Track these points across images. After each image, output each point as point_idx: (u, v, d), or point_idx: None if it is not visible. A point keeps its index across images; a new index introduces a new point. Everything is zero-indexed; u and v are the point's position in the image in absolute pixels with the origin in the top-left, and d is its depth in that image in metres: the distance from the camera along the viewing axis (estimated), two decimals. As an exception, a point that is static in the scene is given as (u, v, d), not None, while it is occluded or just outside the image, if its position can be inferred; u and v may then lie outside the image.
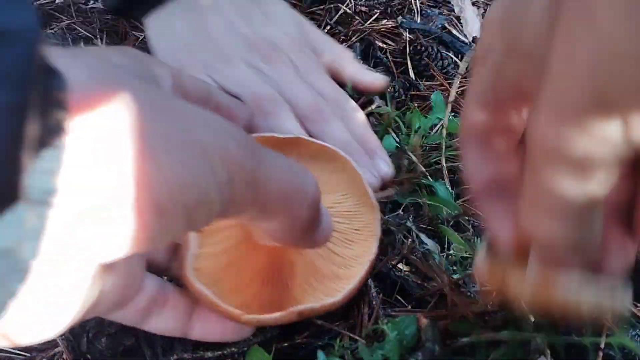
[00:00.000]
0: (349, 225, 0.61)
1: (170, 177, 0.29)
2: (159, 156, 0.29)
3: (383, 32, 1.31)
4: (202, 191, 0.31)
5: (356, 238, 0.60)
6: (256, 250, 0.56)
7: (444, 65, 1.14)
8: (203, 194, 0.31)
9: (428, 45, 1.17)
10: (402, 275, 0.66)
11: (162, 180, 0.29)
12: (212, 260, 0.57)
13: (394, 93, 1.04)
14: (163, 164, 0.29)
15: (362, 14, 1.34)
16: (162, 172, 0.29)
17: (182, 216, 0.30)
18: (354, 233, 0.61)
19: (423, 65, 1.14)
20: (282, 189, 0.39)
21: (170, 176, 0.29)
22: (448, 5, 1.36)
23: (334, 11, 1.38)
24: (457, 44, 1.22)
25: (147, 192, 0.28)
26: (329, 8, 1.42)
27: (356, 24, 1.33)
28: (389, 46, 1.28)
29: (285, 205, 0.40)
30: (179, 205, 0.30)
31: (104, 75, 0.29)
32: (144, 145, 0.28)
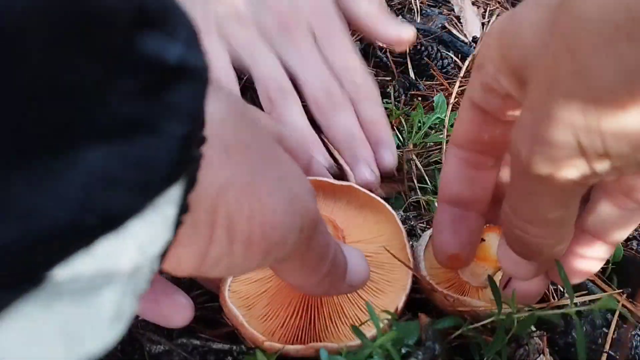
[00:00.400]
0: (382, 277, 0.63)
1: (266, 216, 0.31)
2: (263, 197, 0.31)
3: (383, 31, 1.31)
4: (285, 234, 0.33)
5: (387, 289, 0.62)
6: (289, 285, 0.59)
7: (443, 65, 1.15)
8: (285, 236, 0.34)
9: (428, 45, 1.17)
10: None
11: (259, 218, 0.31)
12: (248, 286, 0.61)
13: (394, 93, 1.04)
14: (265, 203, 0.31)
15: (362, 13, 1.34)
16: (262, 210, 0.31)
17: (263, 252, 0.33)
18: (386, 284, 0.62)
19: (423, 65, 1.14)
20: (322, 249, 0.41)
21: (267, 214, 0.31)
22: (448, 5, 1.36)
23: (334, 10, 1.38)
24: (457, 44, 1.22)
25: (246, 225, 0.31)
26: (329, 7, 1.41)
27: (356, 23, 1.33)
28: (389, 46, 1.28)
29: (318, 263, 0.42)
30: (265, 241, 0.32)
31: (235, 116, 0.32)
32: (253, 184, 0.31)
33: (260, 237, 0.31)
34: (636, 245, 0.76)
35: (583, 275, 0.49)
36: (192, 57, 0.24)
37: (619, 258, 0.71)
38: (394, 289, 0.61)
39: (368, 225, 0.66)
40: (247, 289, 0.61)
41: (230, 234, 0.30)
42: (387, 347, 0.50)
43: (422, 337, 0.56)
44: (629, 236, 0.77)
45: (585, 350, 0.52)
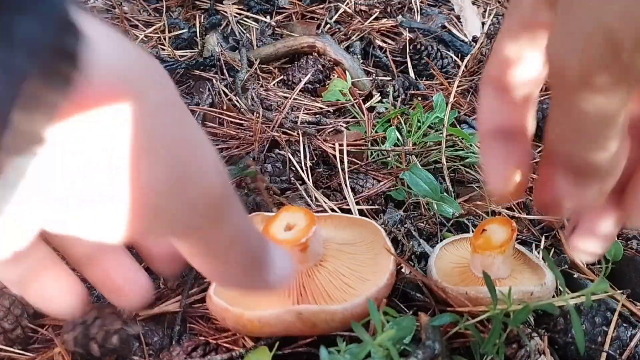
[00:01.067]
0: (366, 269, 0.64)
1: (153, 179, 0.31)
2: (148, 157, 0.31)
3: (383, 31, 1.31)
4: (162, 204, 0.33)
5: (373, 277, 0.63)
6: None
7: (443, 65, 1.14)
8: (161, 207, 0.34)
9: (428, 45, 1.16)
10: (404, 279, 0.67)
11: (145, 180, 0.31)
12: None
13: (393, 92, 1.04)
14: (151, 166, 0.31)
15: (362, 13, 1.34)
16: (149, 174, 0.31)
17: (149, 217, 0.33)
18: (371, 274, 0.63)
19: (423, 65, 1.14)
20: (231, 237, 0.41)
21: (153, 178, 0.31)
22: (448, 4, 1.36)
23: (334, 10, 1.38)
24: (457, 43, 1.22)
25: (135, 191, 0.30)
26: (329, 7, 1.42)
27: (356, 23, 1.33)
28: (388, 45, 1.28)
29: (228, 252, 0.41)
30: (153, 207, 0.32)
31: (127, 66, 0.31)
32: (140, 145, 0.30)
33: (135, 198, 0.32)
34: (636, 245, 0.76)
35: None
36: None
37: (618, 258, 0.71)
38: (377, 275, 0.63)
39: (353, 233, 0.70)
40: None
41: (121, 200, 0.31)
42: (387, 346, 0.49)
43: (422, 337, 0.56)
44: (629, 236, 0.77)
45: (584, 341, 0.52)
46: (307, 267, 0.61)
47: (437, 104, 0.93)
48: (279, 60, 1.18)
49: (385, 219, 0.75)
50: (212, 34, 1.19)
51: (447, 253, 0.68)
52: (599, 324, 0.62)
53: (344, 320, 0.57)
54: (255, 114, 0.96)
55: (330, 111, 1.03)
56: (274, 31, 1.26)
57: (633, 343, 0.61)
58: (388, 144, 0.90)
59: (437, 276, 0.62)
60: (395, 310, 0.59)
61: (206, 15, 1.27)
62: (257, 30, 1.25)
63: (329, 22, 1.29)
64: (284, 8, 1.33)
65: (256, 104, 1.01)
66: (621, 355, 0.60)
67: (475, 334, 0.55)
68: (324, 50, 1.15)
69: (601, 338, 0.61)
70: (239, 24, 1.27)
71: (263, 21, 1.28)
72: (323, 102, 1.05)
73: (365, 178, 0.83)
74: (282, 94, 1.07)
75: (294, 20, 1.30)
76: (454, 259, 0.67)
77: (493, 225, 0.62)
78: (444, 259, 0.67)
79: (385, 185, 0.82)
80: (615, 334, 0.61)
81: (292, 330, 0.57)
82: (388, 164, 0.87)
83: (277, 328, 0.56)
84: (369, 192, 0.81)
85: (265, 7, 1.32)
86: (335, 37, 1.22)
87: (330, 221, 0.71)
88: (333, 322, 0.56)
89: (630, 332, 0.61)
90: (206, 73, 1.09)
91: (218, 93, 1.04)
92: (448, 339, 0.58)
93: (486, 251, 0.61)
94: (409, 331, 0.55)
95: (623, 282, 0.69)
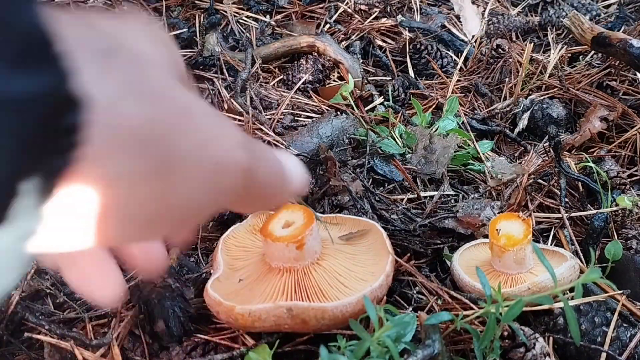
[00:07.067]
0: (364, 269, 0.65)
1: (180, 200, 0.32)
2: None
3: (383, 30, 1.31)
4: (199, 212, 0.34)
5: (369, 278, 0.63)
6: (271, 273, 0.62)
7: (443, 64, 1.14)
8: (202, 209, 0.35)
9: (428, 44, 1.16)
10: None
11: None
12: (228, 281, 0.64)
13: (393, 92, 1.04)
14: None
15: (362, 12, 1.34)
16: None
17: None
18: (369, 275, 0.64)
19: (423, 64, 1.14)
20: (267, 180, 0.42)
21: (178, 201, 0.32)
22: (447, 4, 1.36)
23: (333, 9, 1.38)
24: (457, 43, 1.22)
25: None
26: (329, 6, 1.41)
27: (356, 22, 1.33)
28: (388, 45, 1.28)
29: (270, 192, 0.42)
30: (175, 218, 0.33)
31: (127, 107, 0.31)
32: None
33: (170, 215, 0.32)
34: (636, 244, 0.76)
35: None
36: None
37: (618, 258, 0.70)
38: (373, 278, 0.63)
39: None
40: (229, 284, 0.63)
41: None
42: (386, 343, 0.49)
43: (422, 336, 0.56)
44: (628, 235, 0.77)
45: (579, 332, 0.52)
46: (304, 265, 0.62)
47: (451, 107, 0.92)
48: (279, 59, 1.18)
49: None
50: (211, 34, 1.19)
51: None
52: (598, 324, 0.62)
53: (334, 318, 0.57)
54: (246, 115, 0.95)
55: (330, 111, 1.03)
56: (274, 30, 1.26)
57: (633, 343, 0.60)
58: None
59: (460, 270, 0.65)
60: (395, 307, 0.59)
61: (206, 15, 1.26)
62: (257, 30, 1.25)
63: (329, 22, 1.29)
64: (284, 7, 1.33)
65: (255, 103, 1.01)
66: (621, 355, 0.60)
67: (471, 330, 0.55)
68: (324, 50, 1.15)
69: (601, 338, 0.61)
70: (239, 24, 1.27)
71: (263, 20, 1.28)
72: (323, 103, 1.05)
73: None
74: (282, 94, 1.07)
75: (294, 20, 1.30)
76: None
77: (502, 223, 0.64)
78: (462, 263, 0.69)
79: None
80: (615, 334, 0.61)
81: (283, 327, 0.57)
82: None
83: (268, 323, 0.57)
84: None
85: (265, 7, 1.32)
86: (335, 37, 1.22)
87: (333, 222, 0.71)
88: (323, 319, 0.57)
89: (630, 332, 0.61)
90: (206, 73, 1.09)
91: (218, 93, 1.04)
92: (448, 338, 0.58)
93: (516, 246, 0.63)
94: (408, 327, 0.55)
95: (623, 282, 0.69)
